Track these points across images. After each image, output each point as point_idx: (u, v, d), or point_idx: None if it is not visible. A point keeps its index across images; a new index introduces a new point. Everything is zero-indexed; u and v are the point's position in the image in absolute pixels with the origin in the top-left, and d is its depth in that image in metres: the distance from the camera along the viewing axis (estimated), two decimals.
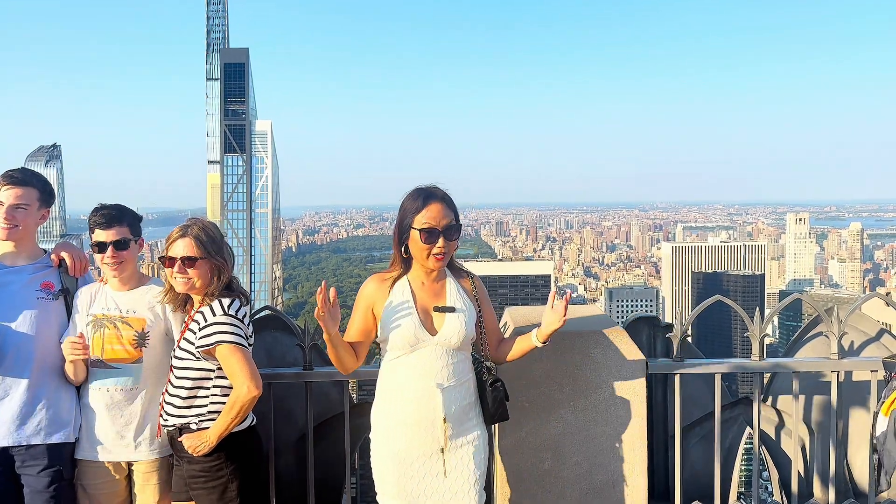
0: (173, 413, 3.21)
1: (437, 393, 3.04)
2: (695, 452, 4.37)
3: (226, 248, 3.29)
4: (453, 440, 3.08)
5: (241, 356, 3.12)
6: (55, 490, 3.29)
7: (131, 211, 3.46)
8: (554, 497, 3.80)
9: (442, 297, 3.16)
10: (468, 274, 3.28)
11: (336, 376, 4.04)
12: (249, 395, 3.10)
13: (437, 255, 3.05)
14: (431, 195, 3.08)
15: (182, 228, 3.24)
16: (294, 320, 4.16)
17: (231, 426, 3.13)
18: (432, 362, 3.06)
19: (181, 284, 3.20)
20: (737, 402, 4.45)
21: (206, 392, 3.20)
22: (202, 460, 3.17)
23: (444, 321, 3.10)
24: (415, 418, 3.05)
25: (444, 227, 3.04)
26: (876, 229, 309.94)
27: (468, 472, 3.10)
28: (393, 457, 3.09)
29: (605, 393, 3.77)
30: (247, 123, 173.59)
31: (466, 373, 3.16)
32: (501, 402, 3.18)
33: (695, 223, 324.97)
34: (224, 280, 3.23)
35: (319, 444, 4.13)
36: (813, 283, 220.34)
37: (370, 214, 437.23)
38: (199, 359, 3.18)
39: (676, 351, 3.96)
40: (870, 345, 4.24)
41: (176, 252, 3.18)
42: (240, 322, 3.19)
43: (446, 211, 3.07)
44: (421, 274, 3.16)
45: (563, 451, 3.78)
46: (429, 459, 3.07)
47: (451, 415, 3.07)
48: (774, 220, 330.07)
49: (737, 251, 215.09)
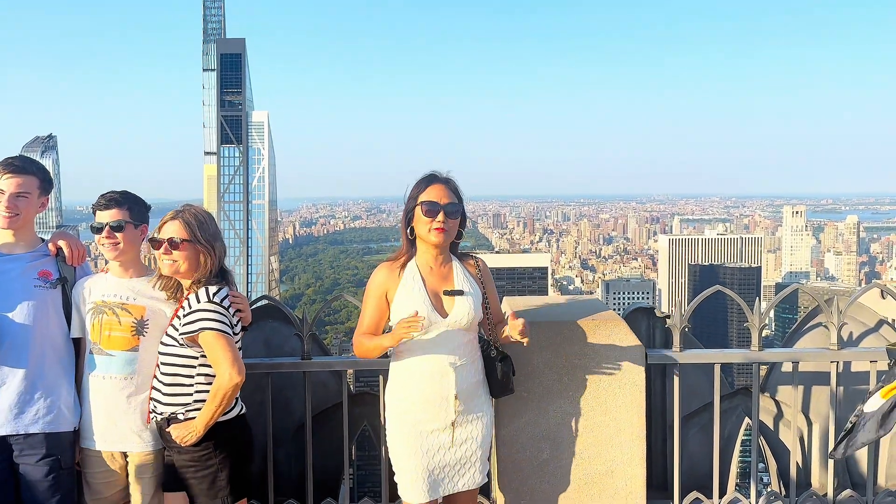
0: (161, 401, 3.21)
1: (450, 371, 3.20)
2: (693, 443, 4.37)
3: (216, 235, 3.29)
4: (463, 415, 3.25)
5: (223, 343, 3.12)
6: (53, 479, 3.28)
7: (137, 198, 3.45)
8: (552, 486, 3.80)
9: (450, 280, 3.29)
10: (472, 257, 3.42)
11: (334, 366, 4.04)
12: (231, 383, 3.09)
13: (437, 228, 3.17)
14: (434, 178, 3.26)
15: (175, 212, 3.27)
16: (292, 311, 4.14)
17: (216, 414, 3.13)
18: (444, 343, 3.21)
19: (167, 267, 3.21)
20: (735, 393, 4.45)
21: (191, 380, 3.20)
22: (191, 450, 3.17)
23: (454, 304, 3.23)
24: (428, 396, 3.21)
25: (446, 205, 3.19)
26: (872, 222, 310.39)
27: (475, 445, 3.29)
28: (409, 433, 3.23)
29: (604, 383, 3.76)
30: (243, 114, 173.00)
31: (475, 352, 3.32)
32: (507, 375, 3.34)
33: (692, 216, 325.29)
34: (211, 266, 3.23)
35: (318, 433, 4.13)
36: (809, 275, 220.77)
37: (367, 206, 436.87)
38: (183, 346, 3.18)
39: (677, 341, 3.95)
40: (869, 335, 4.24)
41: (164, 234, 3.21)
42: (224, 310, 3.18)
43: (448, 192, 3.23)
44: (428, 258, 3.28)
45: (562, 440, 3.78)
46: (442, 433, 3.23)
47: (462, 392, 3.23)
48: (771, 212, 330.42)
49: (733, 244, 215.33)
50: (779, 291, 4.67)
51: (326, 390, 4.30)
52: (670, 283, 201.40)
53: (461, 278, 3.30)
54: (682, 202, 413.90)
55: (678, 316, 3.94)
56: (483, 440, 3.33)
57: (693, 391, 4.30)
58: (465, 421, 3.26)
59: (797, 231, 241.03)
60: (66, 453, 3.34)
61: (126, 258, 3.40)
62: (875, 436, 3.01)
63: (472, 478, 3.32)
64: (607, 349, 3.76)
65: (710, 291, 4.17)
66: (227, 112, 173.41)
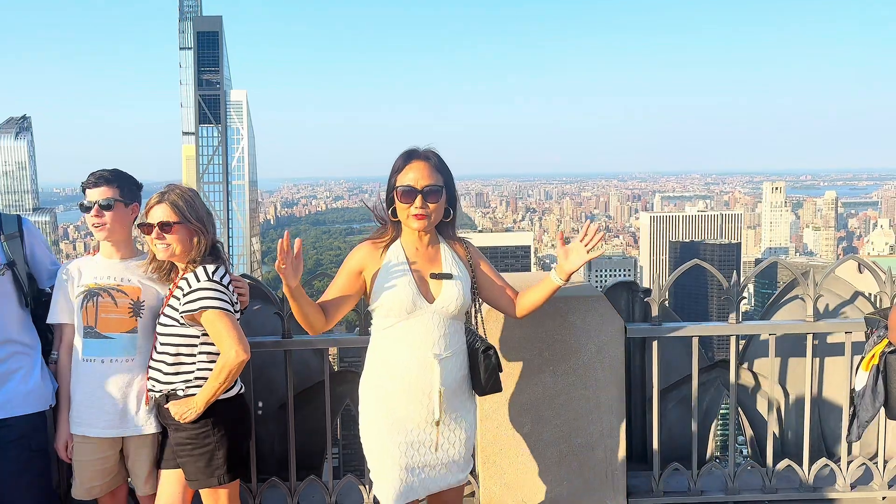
0: (160, 380, 3.18)
1: (435, 364, 2.95)
2: (672, 415, 4.43)
3: (205, 213, 3.25)
4: (448, 413, 3.02)
5: (227, 321, 3.09)
6: (23, 461, 3.23)
7: (128, 176, 3.38)
8: (533, 460, 3.85)
9: (437, 263, 3.06)
10: (460, 240, 3.18)
11: (316, 344, 4.03)
12: (238, 360, 3.07)
13: (415, 214, 2.94)
14: (414, 154, 2.99)
15: (159, 195, 3.20)
16: (275, 292, 4.12)
17: (218, 392, 3.11)
18: (429, 331, 2.96)
19: (162, 251, 3.17)
20: (714, 366, 4.51)
21: (193, 359, 3.18)
22: (189, 427, 3.14)
23: (442, 288, 3.01)
24: (410, 389, 2.97)
25: (424, 188, 2.92)
26: (850, 198, 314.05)
27: (459, 445, 3.07)
28: (386, 429, 2.99)
29: (584, 357, 3.80)
30: (221, 93, 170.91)
31: (461, 343, 3.07)
32: (494, 370, 3.06)
33: (672, 193, 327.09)
34: (204, 245, 3.19)
35: (300, 412, 4.13)
36: (788, 251, 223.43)
37: (349, 186, 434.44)
38: (183, 325, 3.15)
39: (655, 315, 3.99)
40: (845, 307, 4.30)
41: (153, 218, 3.15)
42: (224, 288, 3.16)
43: (430, 171, 2.95)
44: (414, 239, 3.05)
45: (543, 414, 3.82)
46: (423, 431, 2.99)
47: (447, 386, 2.99)
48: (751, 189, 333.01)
49: (714, 220, 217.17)
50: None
51: (308, 369, 4.30)
52: (651, 261, 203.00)
53: (449, 261, 3.07)
54: (663, 179, 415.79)
55: (657, 290, 3.97)
56: (468, 439, 3.11)
57: (672, 365, 4.35)
58: (449, 419, 3.02)
59: (776, 207, 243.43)
60: (37, 435, 3.30)
61: (116, 238, 3.35)
62: (874, 410, 3.07)
63: (456, 476, 3.11)
64: (587, 323, 3.79)
65: (688, 265, 4.20)
66: (205, 91, 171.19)
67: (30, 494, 3.28)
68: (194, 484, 3.20)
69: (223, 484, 3.19)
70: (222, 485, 3.19)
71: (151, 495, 3.36)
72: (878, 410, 3.04)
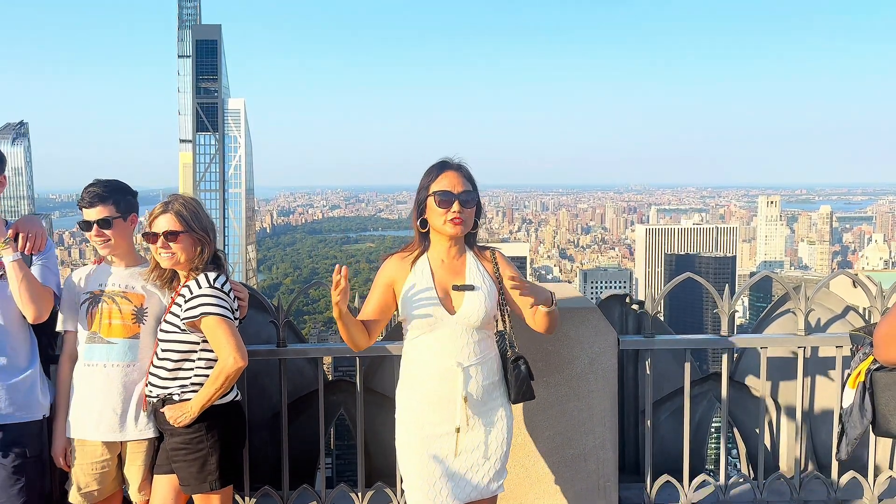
0: (157, 384, 3.21)
1: (458, 371, 2.99)
2: (665, 427, 4.46)
3: (209, 222, 3.30)
4: (472, 420, 3.04)
5: (226, 328, 3.14)
6: (16, 469, 3.25)
7: (122, 187, 3.40)
8: (526, 470, 3.86)
9: (461, 275, 3.11)
10: (486, 248, 3.22)
11: (310, 353, 4.05)
12: (235, 366, 3.11)
13: (453, 219, 3.00)
14: (446, 165, 3.08)
15: (164, 205, 3.25)
16: (269, 301, 4.13)
17: (214, 397, 3.14)
18: (453, 341, 3.02)
19: (166, 260, 3.21)
20: (706, 378, 4.53)
21: (192, 364, 3.22)
22: (184, 432, 3.17)
23: (463, 300, 3.05)
24: (436, 397, 3.03)
25: (461, 194, 3.01)
26: (845, 212, 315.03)
27: (489, 451, 3.07)
28: (415, 437, 3.06)
29: (577, 368, 3.82)
30: (219, 102, 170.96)
31: (490, 351, 3.10)
32: (525, 380, 3.09)
33: (668, 205, 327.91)
34: (207, 254, 3.25)
35: (294, 421, 4.14)
36: (783, 264, 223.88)
37: (346, 195, 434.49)
38: (185, 331, 3.19)
39: (648, 327, 4.02)
40: (836, 321, 4.34)
41: (158, 227, 3.20)
42: (225, 295, 3.21)
43: (462, 180, 3.04)
44: (441, 251, 3.11)
45: (536, 425, 3.83)
46: (448, 438, 3.03)
47: (472, 394, 3.02)
48: (746, 202, 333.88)
49: (709, 233, 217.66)
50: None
51: (303, 377, 4.32)
52: (647, 273, 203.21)
53: (473, 273, 3.11)
54: (658, 192, 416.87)
55: (650, 302, 4.00)
56: (497, 448, 3.10)
57: (665, 377, 4.37)
58: (475, 425, 3.04)
59: (772, 221, 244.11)
60: (33, 442, 3.32)
61: (119, 251, 3.40)
62: (862, 427, 3.08)
63: (488, 487, 3.08)
64: (581, 335, 3.81)
65: (680, 279, 4.23)
66: (203, 99, 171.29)
67: (21, 501, 3.28)
68: (187, 489, 3.22)
69: (215, 490, 3.20)
70: (214, 491, 3.20)
71: (145, 503, 3.37)
72: (865, 427, 3.06)
